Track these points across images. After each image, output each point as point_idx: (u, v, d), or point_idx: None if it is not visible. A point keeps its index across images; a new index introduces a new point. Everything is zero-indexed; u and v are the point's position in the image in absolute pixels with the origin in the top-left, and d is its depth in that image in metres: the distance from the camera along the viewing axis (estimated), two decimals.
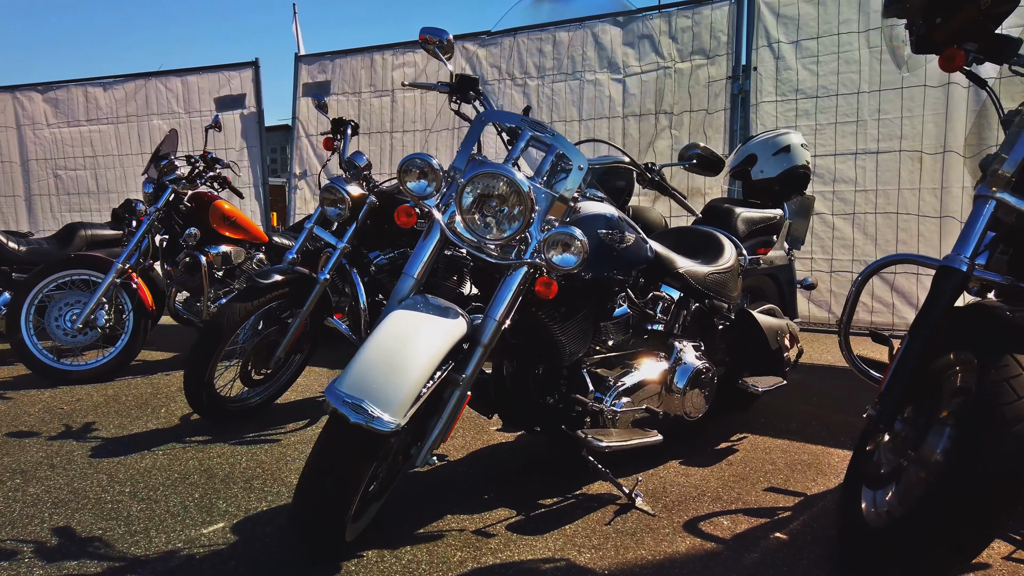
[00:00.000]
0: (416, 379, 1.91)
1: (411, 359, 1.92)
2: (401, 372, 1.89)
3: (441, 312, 2.12)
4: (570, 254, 2.14)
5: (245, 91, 6.74)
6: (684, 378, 2.71)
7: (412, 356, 1.93)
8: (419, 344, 1.97)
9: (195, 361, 3.19)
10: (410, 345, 1.95)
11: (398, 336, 1.96)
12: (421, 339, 1.98)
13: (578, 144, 2.28)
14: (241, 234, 4.73)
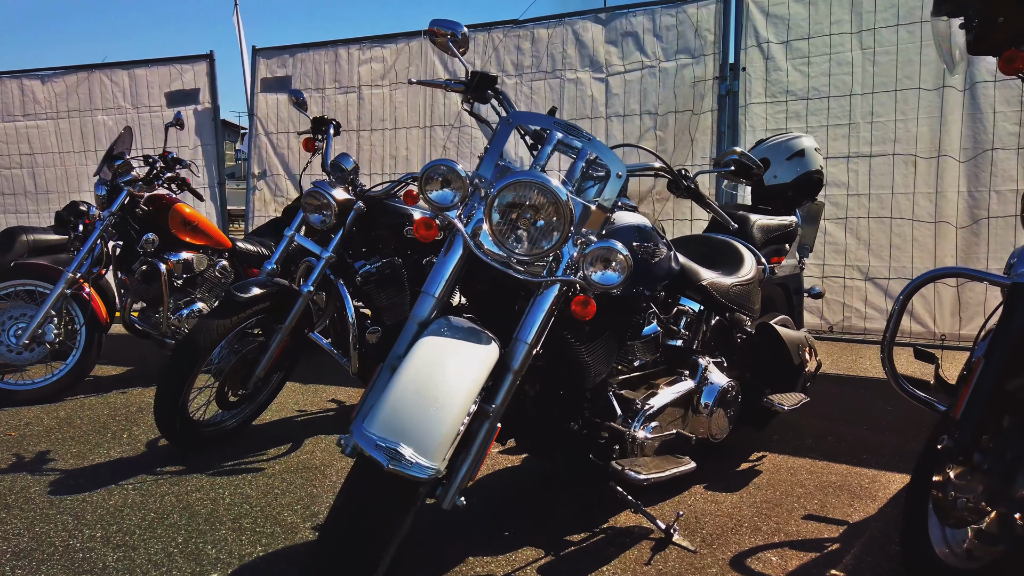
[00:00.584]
0: (455, 417, 1.69)
1: (448, 394, 1.70)
2: (438, 409, 1.67)
3: (472, 337, 1.90)
4: (612, 271, 1.95)
5: (199, 85, 6.34)
6: (711, 398, 2.55)
7: (448, 391, 1.71)
8: (454, 376, 1.75)
9: (168, 384, 2.89)
10: (445, 378, 1.73)
11: (430, 368, 1.74)
12: (455, 370, 1.76)
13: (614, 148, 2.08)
14: (203, 240, 4.40)
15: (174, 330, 4.28)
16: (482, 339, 1.91)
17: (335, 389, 4.17)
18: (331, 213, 3.18)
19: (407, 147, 5.72)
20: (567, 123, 2.06)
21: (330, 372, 4.38)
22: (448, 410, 1.68)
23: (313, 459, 3.05)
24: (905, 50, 4.10)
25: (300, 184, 3.71)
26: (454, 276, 2.03)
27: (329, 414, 3.73)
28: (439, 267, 2.03)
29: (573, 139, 2.07)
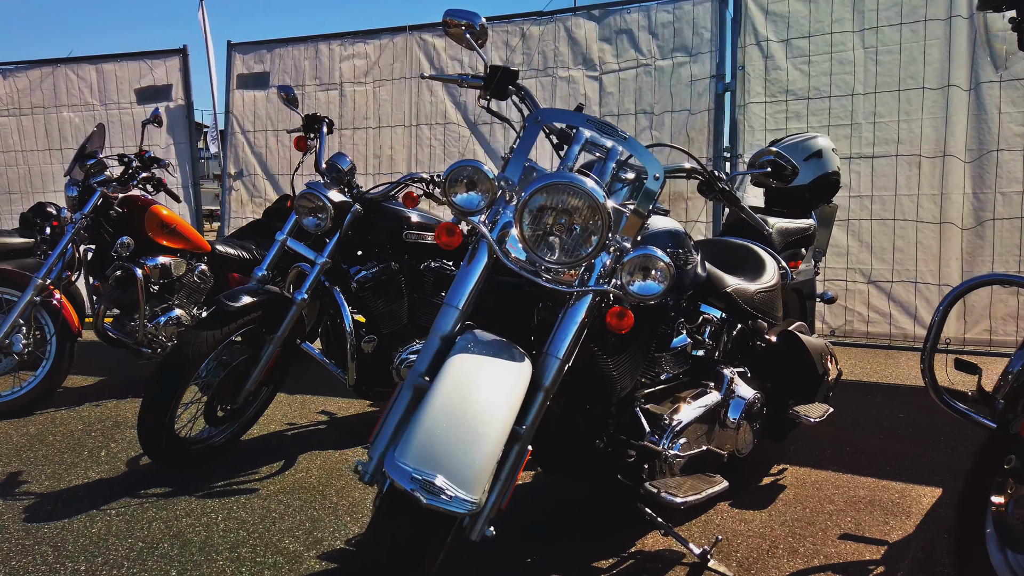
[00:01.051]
0: (494, 444, 1.54)
1: (484, 419, 1.55)
2: (475, 436, 1.51)
3: (503, 353, 1.75)
4: (653, 281, 1.80)
5: (171, 81, 6.07)
6: (738, 411, 2.42)
7: (485, 415, 1.55)
8: (489, 398, 1.60)
9: (154, 400, 2.69)
10: (480, 401, 1.57)
11: (464, 390, 1.58)
12: (490, 391, 1.61)
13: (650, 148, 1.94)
14: (181, 243, 4.17)
15: (150, 338, 4.05)
16: (515, 355, 1.76)
17: (324, 400, 3.98)
18: (327, 216, 3.00)
19: (392, 146, 5.53)
20: (600, 120, 1.91)
21: (318, 382, 4.18)
22: (486, 437, 1.53)
23: (309, 478, 2.86)
24: (908, 49, 4.03)
25: (293, 185, 3.51)
26: (479, 286, 1.87)
27: (321, 427, 3.55)
28: (463, 277, 1.87)
29: (607, 138, 1.92)
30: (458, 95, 5.33)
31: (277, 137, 5.90)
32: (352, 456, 3.10)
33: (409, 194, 3.07)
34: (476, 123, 5.29)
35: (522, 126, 2.06)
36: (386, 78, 5.55)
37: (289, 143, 5.83)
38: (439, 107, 5.38)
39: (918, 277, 4.10)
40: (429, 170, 5.39)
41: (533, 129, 1.96)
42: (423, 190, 3.17)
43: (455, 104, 5.34)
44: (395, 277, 3.27)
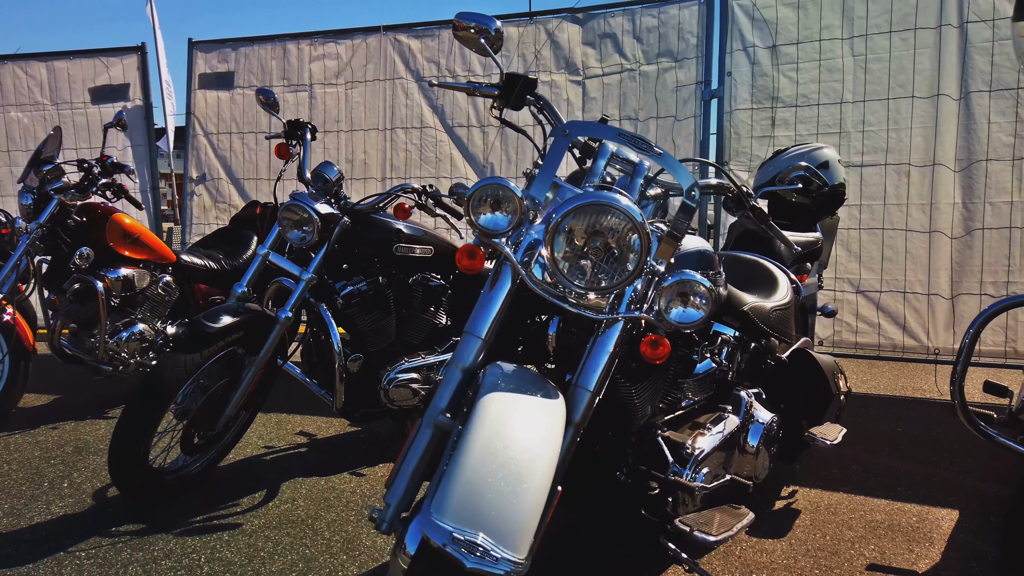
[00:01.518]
0: (538, 494, 1.39)
1: (527, 468, 1.40)
2: (519, 488, 1.37)
3: (536, 389, 1.61)
4: (693, 308, 1.68)
5: (128, 81, 5.76)
6: (757, 436, 2.31)
7: (527, 464, 1.41)
8: (530, 444, 1.45)
9: (128, 431, 2.47)
10: (520, 447, 1.43)
11: (502, 435, 1.43)
12: (530, 436, 1.47)
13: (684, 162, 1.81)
14: (144, 253, 3.93)
15: (111, 355, 3.81)
16: (548, 392, 1.62)
17: (302, 419, 3.77)
18: (313, 229, 2.81)
19: (365, 150, 5.33)
20: (633, 134, 1.78)
21: (294, 400, 3.97)
22: (529, 487, 1.38)
23: (296, 509, 2.68)
24: (898, 57, 4.00)
25: (275, 195, 3.31)
26: (501, 314, 1.72)
27: (301, 450, 3.35)
28: (485, 304, 1.72)
29: (641, 153, 1.78)
30: (435, 98, 5.16)
31: (243, 140, 5.65)
32: (339, 483, 2.92)
33: (400, 205, 2.91)
34: (453, 127, 5.13)
35: (546, 140, 1.91)
36: (359, 80, 5.35)
37: (257, 147, 5.59)
38: (415, 110, 5.20)
39: (907, 287, 4.08)
40: (405, 175, 5.21)
41: (561, 143, 1.81)
42: (415, 201, 3.01)
43: (432, 107, 5.17)
44: (383, 292, 3.09)
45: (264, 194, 5.55)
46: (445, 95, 5.12)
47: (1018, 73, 3.77)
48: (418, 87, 5.17)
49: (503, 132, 5.01)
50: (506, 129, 4.99)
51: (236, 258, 4.37)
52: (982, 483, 2.84)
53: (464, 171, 5.07)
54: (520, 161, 4.94)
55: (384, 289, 3.09)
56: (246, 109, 5.64)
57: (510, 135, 4.99)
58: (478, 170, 5.05)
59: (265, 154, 5.60)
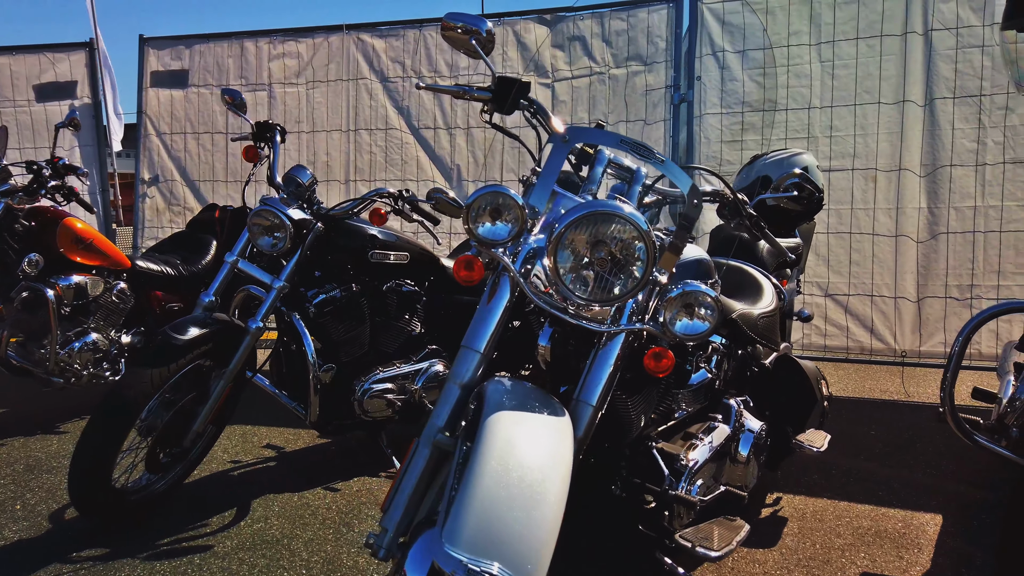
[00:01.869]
0: (553, 520, 1.33)
1: (540, 492, 1.34)
2: (533, 513, 1.30)
3: (541, 406, 1.55)
4: (699, 319, 1.64)
5: (76, 78, 5.51)
6: (748, 445, 2.29)
7: (539, 487, 1.34)
8: (542, 464, 1.39)
9: (91, 452, 2.33)
10: (532, 469, 1.36)
11: (512, 458, 1.36)
12: (540, 455, 1.40)
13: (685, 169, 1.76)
14: (98, 259, 3.76)
15: (63, 367, 3.62)
16: (554, 408, 1.56)
17: (268, 431, 3.64)
18: (286, 236, 2.70)
19: (328, 152, 5.19)
20: (635, 141, 1.73)
21: (259, 411, 3.83)
22: (544, 512, 1.32)
23: (270, 528, 2.56)
24: (865, 64, 4.05)
25: (243, 199, 3.17)
26: (500, 327, 1.66)
27: (270, 464, 3.22)
28: (483, 317, 1.65)
29: (643, 160, 1.73)
30: (400, 99, 5.05)
31: (198, 141, 5.45)
32: (313, 499, 2.81)
33: (376, 210, 2.81)
34: (419, 128, 5.03)
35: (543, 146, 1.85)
36: (320, 79, 5.21)
37: (213, 148, 5.41)
38: (379, 111, 5.08)
39: (874, 290, 4.13)
40: (369, 178, 5.10)
41: (560, 150, 1.75)
42: (391, 206, 2.91)
43: (397, 108, 5.06)
44: (357, 300, 2.99)
45: (221, 196, 5.37)
46: (410, 96, 5.02)
47: (980, 81, 3.85)
48: (383, 88, 5.05)
49: (470, 134, 4.94)
50: (473, 131, 4.92)
51: (195, 264, 4.21)
52: (960, 486, 2.87)
53: (431, 173, 4.98)
54: (489, 164, 4.87)
55: (358, 297, 2.99)
56: (201, 108, 5.45)
57: (477, 137, 4.92)
58: (445, 172, 4.97)
59: (222, 155, 5.42)
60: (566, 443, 1.47)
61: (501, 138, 4.85)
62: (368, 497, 2.83)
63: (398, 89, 5.03)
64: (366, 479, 3.02)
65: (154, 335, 2.66)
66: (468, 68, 4.90)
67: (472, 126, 4.91)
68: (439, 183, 4.95)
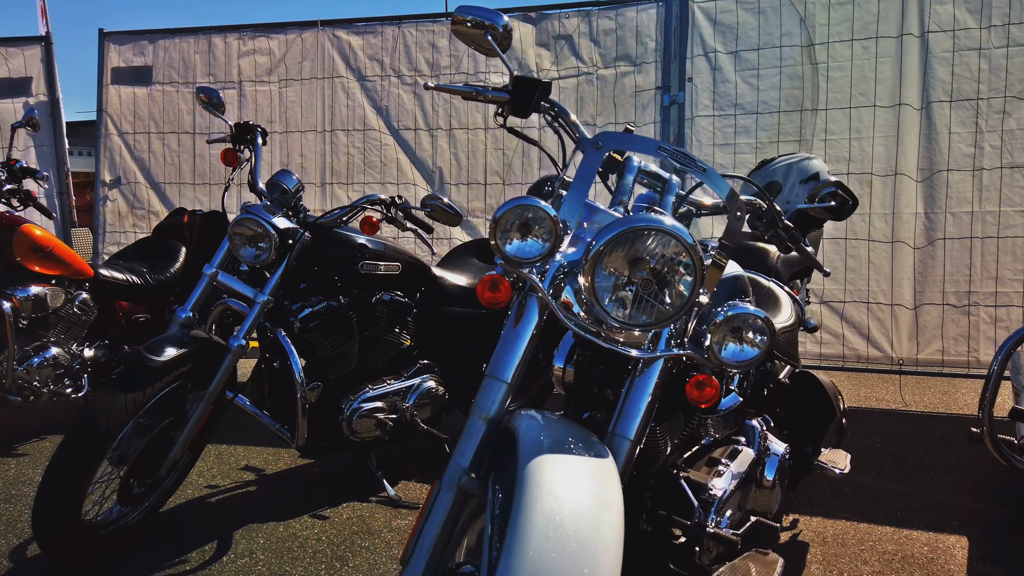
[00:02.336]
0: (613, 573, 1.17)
1: (596, 544, 1.18)
2: (592, 568, 1.14)
3: (583, 445, 1.39)
4: (749, 345, 1.49)
5: (31, 74, 5.20)
6: (774, 469, 2.15)
7: (595, 539, 1.18)
8: (595, 514, 1.22)
9: (58, 488, 2.10)
10: (587, 521, 1.20)
11: (563, 509, 1.19)
12: (594, 505, 1.24)
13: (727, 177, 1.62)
14: (58, 268, 3.51)
15: (21, 384, 3.37)
16: (596, 447, 1.40)
17: (245, 451, 3.42)
18: (270, 246, 2.50)
19: (302, 153, 4.97)
20: (674, 148, 1.57)
21: (234, 428, 3.60)
22: (605, 564, 1.16)
23: (255, 564, 2.36)
24: (860, 66, 3.97)
25: (223, 206, 2.96)
26: (528, 354, 1.49)
27: (250, 489, 3.01)
28: (509, 343, 1.49)
29: (686, 168, 1.58)
30: (378, 99, 4.85)
31: (163, 141, 5.18)
32: (300, 529, 2.61)
33: (368, 219, 2.62)
34: (399, 129, 4.83)
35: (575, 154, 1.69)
36: (294, 78, 4.98)
37: (179, 148, 5.15)
38: (357, 111, 4.87)
39: (870, 297, 4.05)
40: (346, 181, 4.89)
41: (593, 158, 1.59)
42: (383, 213, 2.72)
43: (375, 108, 4.85)
44: (345, 314, 2.80)
45: (189, 200, 5.11)
46: (389, 96, 4.82)
47: (978, 84, 3.79)
48: (360, 86, 4.85)
49: (452, 136, 4.75)
50: (455, 133, 4.74)
51: (163, 272, 3.97)
52: (979, 504, 2.78)
53: (411, 176, 4.79)
54: (471, 166, 4.70)
55: (346, 310, 2.80)
56: (166, 107, 5.18)
57: (460, 139, 4.74)
58: (427, 176, 4.78)
59: (189, 156, 5.15)
60: (615, 486, 1.31)
61: (485, 139, 4.69)
62: (360, 526, 2.64)
63: (376, 88, 4.83)
64: (356, 505, 2.82)
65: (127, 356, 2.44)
66: (449, 68, 4.72)
67: (454, 127, 4.73)
68: (420, 186, 4.77)
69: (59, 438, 3.55)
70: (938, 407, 4.07)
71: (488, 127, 4.65)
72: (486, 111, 4.66)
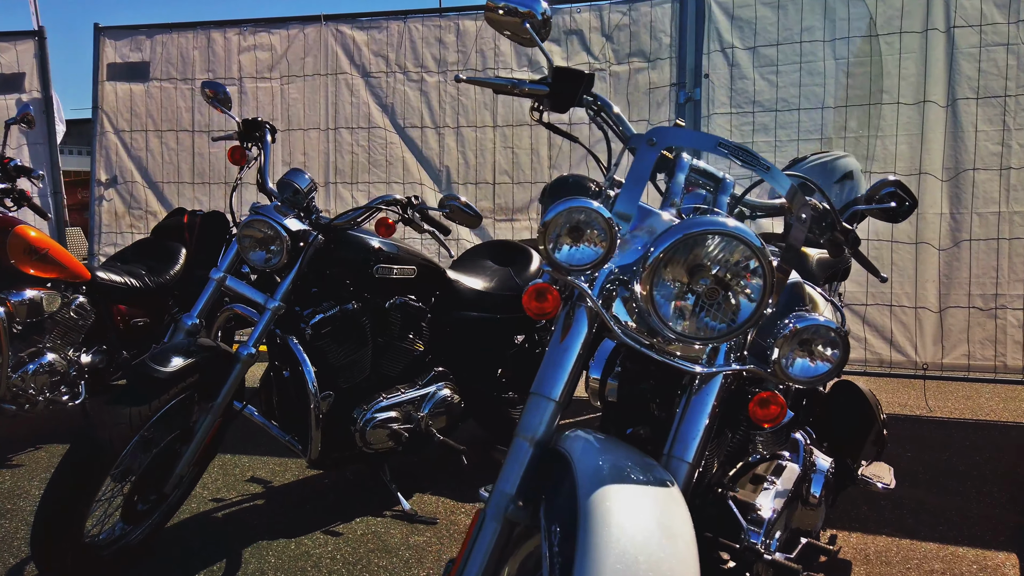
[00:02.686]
0: None
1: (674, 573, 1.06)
2: None
3: (643, 470, 1.27)
4: (822, 360, 1.37)
5: (24, 69, 5.05)
6: (820, 485, 2.03)
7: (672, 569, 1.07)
8: (670, 554, 1.10)
9: (59, 510, 1.97)
10: (663, 563, 1.08)
11: (637, 550, 1.07)
12: (666, 543, 1.12)
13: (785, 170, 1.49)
14: (54, 271, 3.38)
15: (16, 392, 3.24)
16: (657, 472, 1.28)
17: (250, 461, 3.28)
18: (282, 249, 2.36)
19: (304, 152, 4.83)
20: (736, 145, 1.45)
21: (236, 438, 3.46)
22: None
23: None
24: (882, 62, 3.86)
25: (231, 208, 2.82)
26: (577, 370, 1.37)
27: (257, 503, 2.87)
28: (556, 358, 1.36)
29: (748, 166, 1.46)
30: (384, 96, 4.72)
31: (161, 139, 5.03)
32: (313, 546, 2.48)
33: (384, 220, 2.49)
34: (405, 127, 4.70)
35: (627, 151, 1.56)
36: (296, 74, 4.84)
37: (178, 147, 5.00)
38: (361, 109, 4.74)
39: (893, 300, 3.94)
40: (351, 180, 4.75)
41: (647, 155, 1.46)
42: (399, 215, 2.59)
43: (380, 106, 4.72)
44: (358, 319, 2.67)
45: (188, 200, 4.97)
46: (395, 93, 4.68)
47: (1005, 80, 3.68)
48: (364, 83, 4.71)
49: (460, 134, 4.62)
50: (463, 131, 4.61)
51: (162, 274, 3.84)
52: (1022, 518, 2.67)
53: (418, 176, 4.66)
54: (479, 165, 4.57)
55: (359, 316, 2.67)
56: (164, 104, 5.04)
57: (467, 137, 4.61)
58: (433, 175, 4.65)
59: (188, 155, 5.01)
60: (684, 516, 1.19)
61: (493, 137, 4.56)
62: (376, 543, 2.51)
63: (381, 85, 4.70)
64: (370, 520, 2.69)
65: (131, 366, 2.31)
66: (456, 64, 4.59)
67: (462, 125, 4.60)
68: (427, 186, 4.64)
69: (55, 448, 3.43)
70: (964, 413, 3.96)
71: (497, 125, 4.52)
72: (494, 108, 4.53)
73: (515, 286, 3.16)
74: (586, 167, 4.41)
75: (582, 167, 4.43)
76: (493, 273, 3.25)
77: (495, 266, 3.31)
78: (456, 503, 2.84)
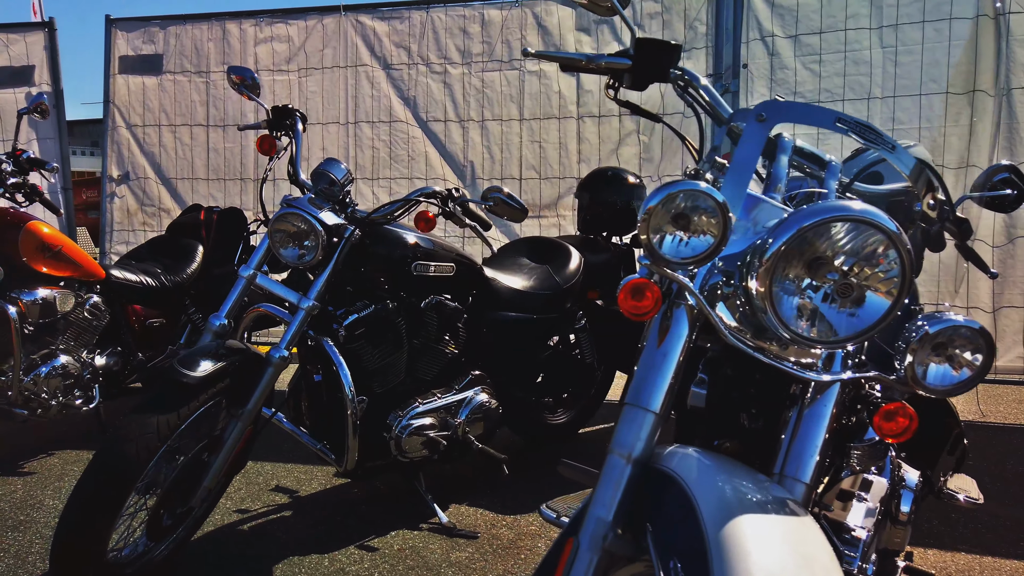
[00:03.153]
0: None
1: None
2: None
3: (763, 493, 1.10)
4: (961, 366, 1.21)
5: (34, 62, 4.89)
6: (910, 501, 1.87)
7: None
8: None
9: (82, 526, 1.81)
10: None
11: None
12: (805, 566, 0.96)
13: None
14: (67, 270, 3.24)
15: (28, 396, 3.09)
16: (780, 495, 1.11)
17: (273, 468, 3.12)
18: (317, 245, 2.20)
19: (323, 147, 4.67)
20: (856, 120, 1.29)
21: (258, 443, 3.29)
22: None
23: None
24: (931, 50, 3.70)
25: (261, 201, 2.66)
26: (678, 377, 1.20)
27: (285, 514, 2.71)
28: (655, 364, 1.20)
29: (872, 146, 1.30)
30: (406, 88, 4.55)
31: (175, 134, 4.88)
32: (347, 562, 2.32)
33: (424, 214, 2.33)
34: (428, 121, 4.54)
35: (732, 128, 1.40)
36: (314, 66, 4.69)
37: (192, 142, 4.85)
38: (383, 102, 4.58)
39: (941, 299, 3.77)
40: (372, 176, 4.59)
41: (757, 133, 1.30)
42: (439, 208, 2.43)
43: (402, 99, 4.56)
44: (394, 320, 2.51)
45: (202, 196, 4.82)
46: (417, 85, 4.52)
47: None
48: (385, 75, 4.55)
49: (484, 128, 4.46)
50: (487, 124, 4.45)
51: (178, 273, 3.69)
52: None
53: (441, 171, 4.50)
54: (505, 160, 4.40)
55: (395, 316, 2.51)
56: (178, 98, 4.88)
57: (493, 131, 4.45)
58: (457, 170, 4.49)
59: (203, 150, 4.85)
60: (827, 548, 1.02)
61: (519, 131, 4.39)
62: (415, 559, 2.34)
63: (403, 77, 4.54)
64: (406, 533, 2.53)
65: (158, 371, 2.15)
66: (482, 55, 4.42)
67: (487, 119, 4.44)
68: (451, 182, 4.47)
69: (68, 454, 3.27)
70: (1020, 418, 3.79)
71: (523, 118, 4.36)
72: (521, 101, 4.37)
73: (555, 285, 3.01)
74: (616, 161, 4.25)
75: (612, 160, 4.27)
76: (531, 271, 3.09)
77: (533, 264, 3.15)
78: (496, 515, 2.68)
